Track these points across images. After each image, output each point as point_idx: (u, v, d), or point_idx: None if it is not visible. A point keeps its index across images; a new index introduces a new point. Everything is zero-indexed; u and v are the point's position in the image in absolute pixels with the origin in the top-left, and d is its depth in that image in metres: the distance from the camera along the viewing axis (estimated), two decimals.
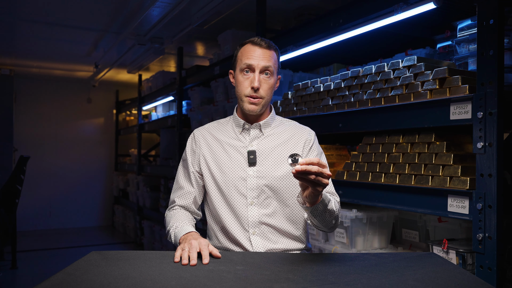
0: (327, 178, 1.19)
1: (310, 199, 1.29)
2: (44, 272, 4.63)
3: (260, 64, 1.53)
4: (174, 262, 1.26)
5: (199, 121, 4.25)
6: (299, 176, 1.19)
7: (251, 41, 1.57)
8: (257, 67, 1.53)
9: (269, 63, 1.54)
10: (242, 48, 1.58)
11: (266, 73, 1.54)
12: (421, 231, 2.21)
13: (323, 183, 1.20)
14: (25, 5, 3.91)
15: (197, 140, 1.66)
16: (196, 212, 1.66)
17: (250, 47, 1.55)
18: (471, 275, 1.18)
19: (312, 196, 1.27)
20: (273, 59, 1.56)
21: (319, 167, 1.17)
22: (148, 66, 6.05)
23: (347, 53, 3.29)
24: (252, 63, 1.53)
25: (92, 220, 7.78)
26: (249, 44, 1.56)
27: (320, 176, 1.18)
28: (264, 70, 1.54)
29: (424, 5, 1.98)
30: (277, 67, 1.59)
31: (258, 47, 1.54)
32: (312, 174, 1.17)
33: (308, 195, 1.28)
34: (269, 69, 1.54)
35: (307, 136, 1.64)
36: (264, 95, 1.55)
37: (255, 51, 1.54)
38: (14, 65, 6.41)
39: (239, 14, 3.83)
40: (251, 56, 1.53)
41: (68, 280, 1.04)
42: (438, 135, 1.87)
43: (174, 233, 1.49)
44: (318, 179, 1.18)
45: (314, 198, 1.29)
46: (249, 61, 1.53)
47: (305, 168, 1.16)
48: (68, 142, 7.60)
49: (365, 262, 1.33)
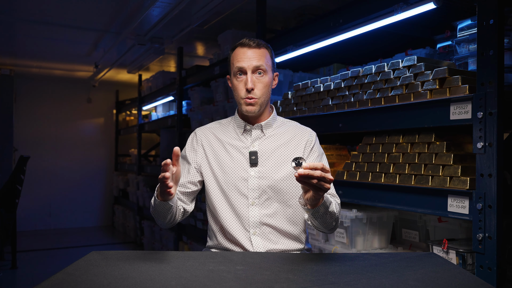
0: (329, 183, 1.20)
1: (311, 201, 1.30)
2: (44, 272, 4.63)
3: (252, 65, 1.52)
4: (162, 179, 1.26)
5: (199, 121, 4.25)
6: (302, 180, 1.20)
7: (240, 43, 1.57)
8: (249, 68, 1.53)
9: (260, 61, 1.53)
10: (233, 52, 1.59)
11: (259, 72, 1.54)
12: (421, 231, 2.21)
13: (325, 187, 1.21)
14: (25, 5, 3.91)
15: (199, 139, 1.66)
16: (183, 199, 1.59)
17: (240, 50, 1.55)
18: (471, 275, 1.17)
19: (313, 199, 1.29)
20: (265, 57, 1.55)
21: (322, 172, 1.18)
22: (148, 66, 6.05)
23: (347, 53, 3.29)
24: (243, 65, 1.53)
25: (92, 220, 7.78)
26: (238, 47, 1.57)
27: (322, 181, 1.19)
28: (256, 69, 1.53)
29: (424, 5, 1.98)
30: (270, 64, 1.58)
31: (247, 48, 1.54)
32: (314, 178, 1.18)
33: (309, 198, 1.29)
34: (261, 67, 1.53)
35: (308, 137, 1.64)
36: (259, 94, 1.54)
37: (245, 53, 1.54)
38: (14, 65, 6.40)
39: (239, 14, 3.83)
40: (241, 59, 1.53)
41: (68, 280, 1.04)
42: (438, 135, 1.87)
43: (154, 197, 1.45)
44: (321, 184, 1.19)
45: (315, 201, 1.30)
46: (239, 64, 1.53)
47: (308, 172, 1.17)
48: (68, 142, 7.60)
49: (365, 262, 1.33)
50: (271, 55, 1.60)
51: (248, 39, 1.57)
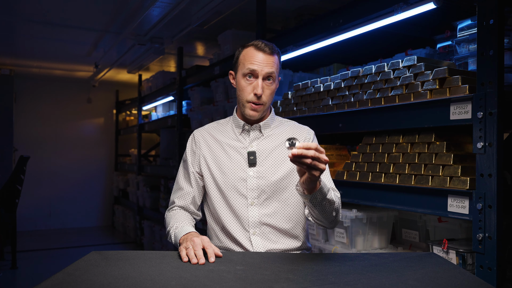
0: (324, 163, 1.18)
1: (307, 185, 1.27)
2: (44, 272, 4.63)
3: (264, 71, 1.51)
4: (183, 261, 1.25)
5: (199, 121, 4.25)
6: (296, 160, 1.17)
7: (255, 45, 1.53)
8: (261, 73, 1.51)
9: (272, 69, 1.52)
10: (244, 50, 1.55)
11: (268, 79, 1.53)
12: (421, 231, 2.21)
13: (320, 167, 1.18)
14: (25, 5, 3.91)
15: (197, 141, 1.66)
16: (196, 212, 1.65)
17: (254, 52, 1.52)
18: (471, 275, 1.17)
19: (309, 181, 1.25)
20: (276, 64, 1.54)
21: (316, 152, 1.16)
22: (148, 66, 6.05)
23: (347, 53, 3.29)
24: (256, 69, 1.51)
25: (92, 220, 7.78)
26: (253, 47, 1.53)
27: (316, 161, 1.17)
28: (267, 76, 1.52)
29: (424, 5, 1.98)
30: (279, 71, 1.58)
31: (262, 52, 1.52)
32: (308, 158, 1.16)
33: (305, 181, 1.26)
34: (272, 75, 1.53)
35: (306, 135, 1.64)
36: (266, 100, 1.55)
37: (258, 57, 1.51)
38: (14, 65, 6.40)
39: (239, 14, 3.83)
40: (254, 62, 1.51)
41: (68, 280, 1.04)
42: (438, 135, 1.87)
43: (174, 233, 1.49)
44: (315, 164, 1.17)
45: (312, 184, 1.27)
46: (252, 67, 1.51)
47: (302, 152, 1.15)
48: (68, 142, 7.60)
49: (365, 262, 1.33)
50: (280, 61, 1.59)
51: (262, 42, 1.53)
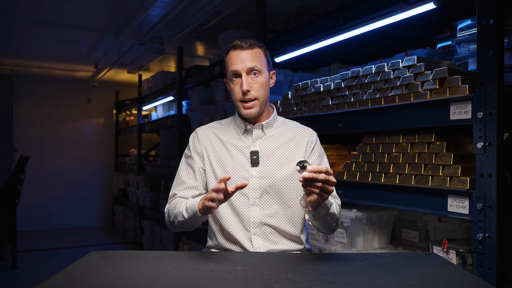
0: (332, 185, 1.22)
1: (314, 204, 1.32)
2: (44, 272, 4.62)
3: (246, 66, 1.52)
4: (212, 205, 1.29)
5: (199, 121, 4.25)
6: (306, 184, 1.21)
7: (233, 46, 1.56)
8: (243, 70, 1.52)
9: (254, 62, 1.52)
10: (227, 56, 1.58)
11: (254, 73, 1.53)
12: (421, 231, 2.21)
13: (329, 190, 1.23)
14: (25, 5, 3.91)
15: (200, 138, 1.65)
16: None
17: (233, 53, 1.55)
18: (471, 275, 1.17)
19: (317, 201, 1.30)
20: (259, 57, 1.54)
21: (326, 175, 1.19)
22: (148, 66, 6.05)
23: (347, 53, 3.29)
24: (237, 68, 1.52)
25: (92, 220, 7.78)
26: (231, 50, 1.56)
27: (326, 184, 1.21)
28: (250, 71, 1.52)
29: (424, 5, 1.98)
30: (265, 64, 1.57)
31: (240, 50, 1.53)
32: (319, 181, 1.19)
33: (312, 201, 1.30)
34: (255, 68, 1.52)
35: (309, 137, 1.64)
36: (257, 95, 1.54)
37: (238, 55, 1.53)
38: (14, 65, 6.40)
39: (239, 14, 3.83)
40: (234, 62, 1.53)
41: (68, 280, 1.04)
42: (438, 135, 1.87)
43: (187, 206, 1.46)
44: (325, 187, 1.21)
45: (319, 203, 1.32)
46: (233, 67, 1.53)
47: (313, 175, 1.18)
48: (68, 142, 7.60)
49: (365, 262, 1.33)
50: (266, 54, 1.59)
51: (240, 40, 1.55)
